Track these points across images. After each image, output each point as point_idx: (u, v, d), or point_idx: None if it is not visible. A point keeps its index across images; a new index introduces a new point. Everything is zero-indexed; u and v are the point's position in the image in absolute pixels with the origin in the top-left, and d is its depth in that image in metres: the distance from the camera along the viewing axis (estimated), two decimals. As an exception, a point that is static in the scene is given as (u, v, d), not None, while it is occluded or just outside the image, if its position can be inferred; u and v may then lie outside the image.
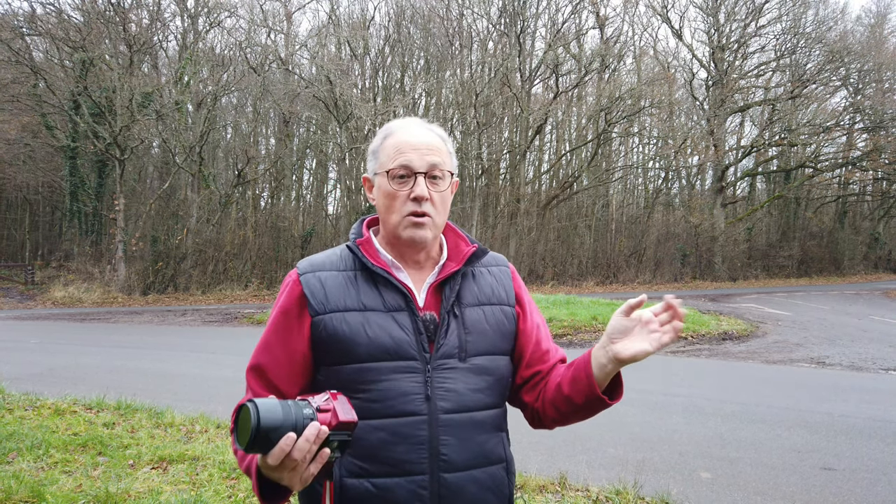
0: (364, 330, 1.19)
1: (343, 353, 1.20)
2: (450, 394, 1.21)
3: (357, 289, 1.24)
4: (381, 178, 1.28)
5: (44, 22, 20.56)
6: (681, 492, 3.95)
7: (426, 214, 1.24)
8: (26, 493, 3.42)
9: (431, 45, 25.17)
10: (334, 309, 1.21)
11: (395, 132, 1.30)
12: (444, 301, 1.25)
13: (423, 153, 1.25)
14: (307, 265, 1.29)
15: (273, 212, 25.20)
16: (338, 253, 1.31)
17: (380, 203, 1.29)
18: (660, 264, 26.60)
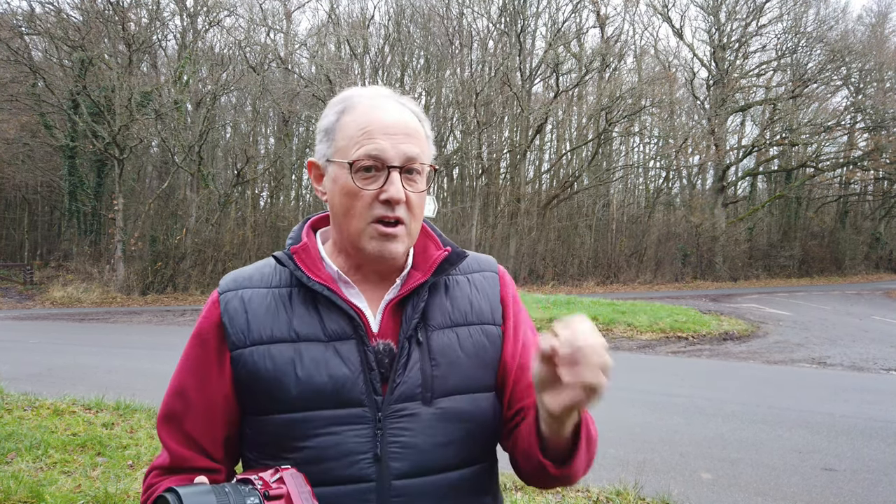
0: (294, 368, 0.91)
1: (268, 400, 0.92)
2: (407, 451, 0.91)
3: (289, 312, 0.95)
4: (337, 169, 0.96)
5: (43, 21, 20.54)
6: (681, 492, 3.94)
7: (400, 222, 0.94)
8: (25, 493, 3.41)
9: (431, 44, 25.15)
10: (257, 340, 0.93)
11: (357, 106, 0.98)
12: (404, 324, 0.96)
13: (399, 140, 0.94)
14: (230, 281, 1.00)
15: (272, 211, 25.20)
16: (271, 264, 1.01)
17: (335, 201, 0.97)
18: (660, 264, 26.58)
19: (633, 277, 25.59)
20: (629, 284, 24.71)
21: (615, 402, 6.25)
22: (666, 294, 20.87)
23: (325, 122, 1.01)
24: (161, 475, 0.96)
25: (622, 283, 25.12)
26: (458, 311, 1.01)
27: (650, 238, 27.09)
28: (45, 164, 23.74)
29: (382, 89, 1.01)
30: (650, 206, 28.74)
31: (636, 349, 10.02)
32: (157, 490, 0.93)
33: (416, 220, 0.98)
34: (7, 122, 21.02)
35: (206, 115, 20.96)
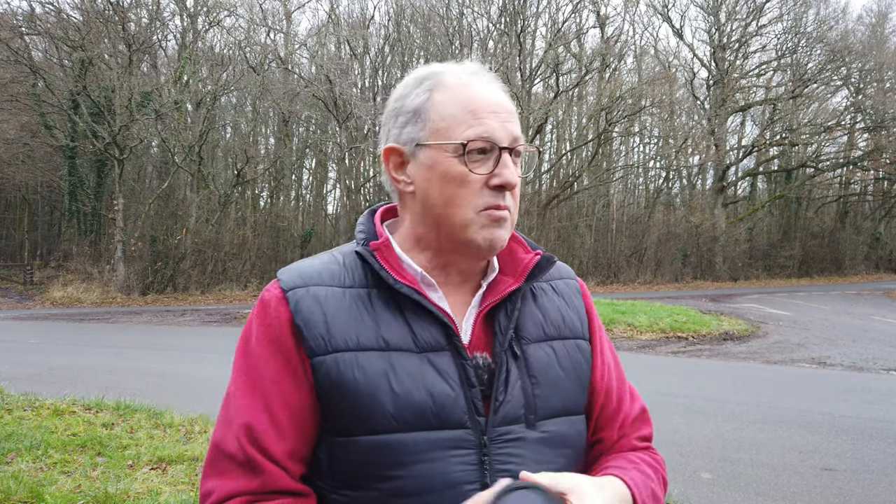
0: (388, 381, 0.80)
1: (355, 418, 0.79)
2: None
3: (374, 317, 0.83)
4: (435, 153, 0.85)
5: (43, 21, 20.56)
6: (681, 492, 3.94)
7: (506, 208, 0.86)
8: (25, 493, 3.41)
9: (431, 44, 25.16)
10: (341, 346, 0.81)
11: (449, 83, 0.88)
12: (499, 335, 0.87)
13: (505, 119, 0.86)
14: (295, 276, 0.86)
15: (272, 211, 25.21)
16: (338, 261, 0.89)
17: (431, 190, 0.86)
18: (660, 264, 26.59)
19: (633, 277, 25.59)
20: (629, 284, 24.71)
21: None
22: (666, 294, 20.87)
23: (412, 102, 0.88)
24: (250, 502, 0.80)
25: (622, 283, 25.13)
26: (551, 324, 0.93)
27: (650, 238, 27.10)
28: (45, 164, 23.74)
29: (470, 64, 0.92)
30: (650, 206, 28.75)
31: (636, 349, 10.02)
32: None
33: (517, 209, 0.89)
34: (7, 123, 21.02)
35: (206, 116, 20.97)
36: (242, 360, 0.85)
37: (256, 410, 0.81)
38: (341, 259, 0.89)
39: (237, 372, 0.85)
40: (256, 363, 0.83)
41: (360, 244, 0.89)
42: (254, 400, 0.82)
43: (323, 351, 0.81)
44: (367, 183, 26.55)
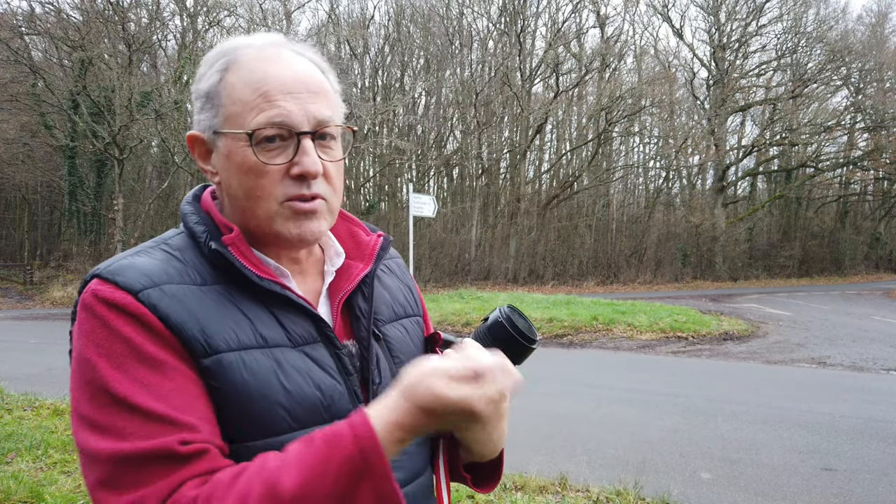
0: (279, 379, 0.74)
1: (250, 422, 0.73)
2: (402, 458, 0.82)
3: (244, 314, 0.76)
4: (231, 142, 0.78)
5: (43, 21, 20.56)
6: (681, 492, 3.94)
7: (317, 197, 0.79)
8: (25, 493, 3.41)
9: (431, 44, 25.16)
10: (222, 347, 0.73)
11: (243, 60, 0.79)
12: (361, 319, 0.85)
13: (305, 100, 0.77)
14: (139, 276, 0.73)
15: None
16: (175, 256, 0.78)
17: (232, 181, 0.79)
18: (660, 264, 26.60)
19: (633, 277, 25.59)
20: (629, 284, 24.71)
21: (615, 402, 6.26)
22: (666, 294, 20.87)
23: (206, 85, 0.80)
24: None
25: (622, 283, 25.13)
26: (398, 303, 0.94)
27: (650, 238, 27.11)
28: (45, 164, 23.75)
29: (273, 36, 0.82)
30: (650, 206, 28.75)
31: (636, 349, 10.02)
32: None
33: (336, 194, 0.83)
34: (7, 122, 21.03)
35: (206, 115, 20.97)
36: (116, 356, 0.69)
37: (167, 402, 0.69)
38: (179, 255, 0.79)
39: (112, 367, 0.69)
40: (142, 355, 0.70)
41: (203, 239, 0.79)
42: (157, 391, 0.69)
43: (203, 353, 0.72)
44: (367, 183, 26.54)
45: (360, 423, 0.67)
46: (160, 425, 0.67)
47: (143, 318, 0.71)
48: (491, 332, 0.84)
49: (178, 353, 0.71)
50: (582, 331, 11.16)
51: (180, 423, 0.68)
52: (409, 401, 0.67)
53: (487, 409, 0.68)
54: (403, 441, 0.68)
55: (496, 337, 0.84)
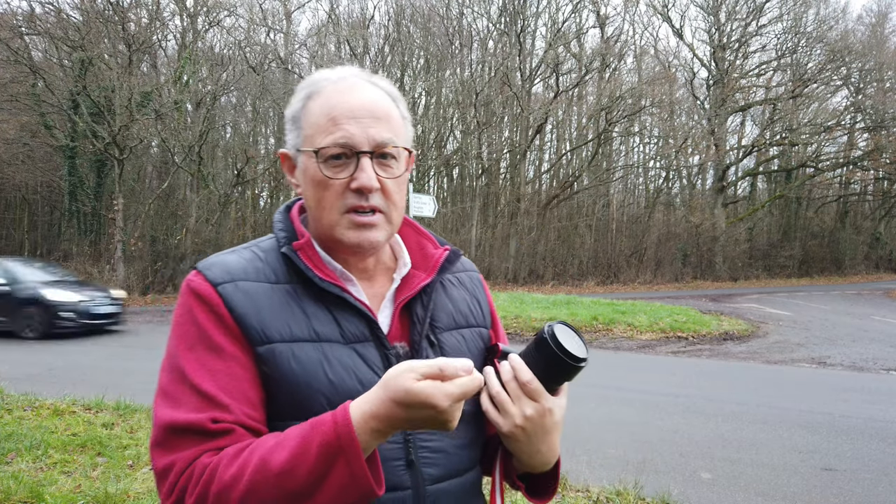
0: (323, 370, 0.85)
1: (293, 405, 0.84)
2: (437, 455, 0.90)
3: (303, 310, 0.88)
4: (307, 159, 0.91)
5: (43, 21, 20.56)
6: (681, 492, 3.93)
7: (376, 210, 0.90)
8: (25, 493, 3.41)
9: (431, 44, 25.16)
10: (276, 338, 0.85)
11: (324, 90, 0.92)
12: (417, 325, 0.94)
13: (367, 124, 0.89)
14: (222, 273, 0.88)
15: (272, 212, 25.19)
16: (259, 257, 0.93)
17: (306, 193, 0.93)
18: (660, 264, 26.60)
19: (633, 277, 25.59)
20: (629, 284, 24.71)
21: (615, 402, 6.26)
22: (666, 294, 20.86)
23: (292, 110, 0.95)
24: None
25: (622, 283, 25.13)
26: (460, 313, 1.00)
27: (650, 238, 27.11)
28: (45, 164, 23.74)
29: (351, 69, 0.95)
30: (650, 206, 28.75)
31: (636, 349, 10.02)
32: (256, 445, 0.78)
33: (395, 207, 0.93)
34: (7, 122, 21.02)
35: (206, 116, 20.97)
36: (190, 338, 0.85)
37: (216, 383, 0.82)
38: (263, 255, 0.93)
39: (185, 348, 0.84)
40: (208, 341, 0.84)
41: (282, 244, 0.92)
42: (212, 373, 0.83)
43: (259, 342, 0.85)
44: (367, 183, 26.51)
45: (340, 411, 0.76)
46: (204, 402, 0.81)
47: (216, 308, 0.85)
48: (537, 349, 0.86)
49: (238, 340, 0.84)
50: (582, 331, 11.11)
51: (218, 403, 0.81)
52: (384, 392, 0.75)
53: (445, 403, 0.74)
54: (380, 430, 0.76)
55: (542, 353, 0.85)
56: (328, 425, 0.75)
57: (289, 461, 0.74)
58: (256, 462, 0.75)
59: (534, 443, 0.88)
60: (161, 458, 0.81)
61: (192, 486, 0.77)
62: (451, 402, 0.75)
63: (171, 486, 0.79)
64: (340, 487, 0.74)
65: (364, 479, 0.74)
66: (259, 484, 0.74)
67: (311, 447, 0.74)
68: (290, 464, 0.74)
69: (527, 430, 0.85)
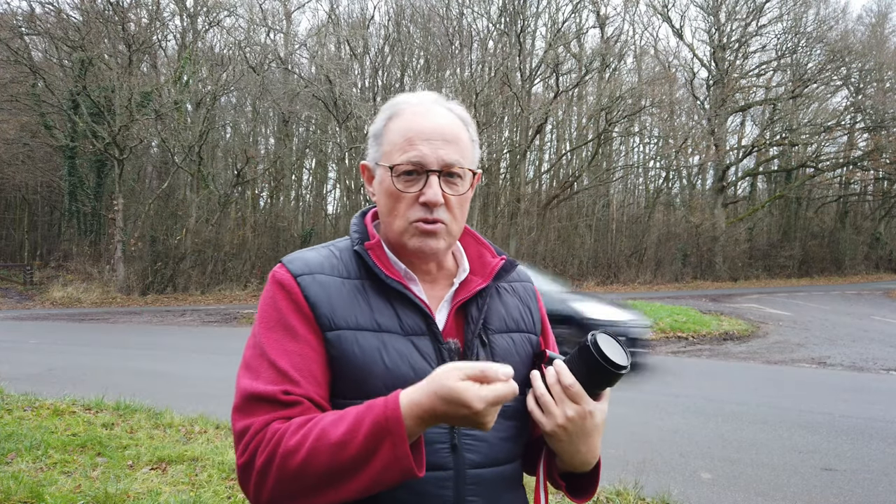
0: (381, 356, 0.96)
1: (354, 384, 0.96)
2: (479, 444, 0.99)
3: (368, 303, 1.00)
4: (383, 172, 1.04)
5: (43, 21, 20.56)
6: (681, 492, 3.93)
7: (438, 221, 1.02)
8: (25, 493, 3.41)
9: (431, 44, 25.15)
10: (343, 326, 0.97)
11: (403, 112, 1.05)
12: (471, 324, 1.04)
13: (438, 146, 1.01)
14: (301, 265, 1.02)
15: (272, 212, 25.21)
16: (335, 255, 1.06)
17: (381, 201, 1.06)
18: (660, 264, 26.59)
19: (633, 277, 25.59)
20: (629, 284, 24.71)
21: (615, 402, 6.25)
22: (666, 294, 20.87)
23: (375, 128, 1.08)
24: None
25: (622, 283, 25.13)
26: (511, 318, 1.10)
27: (650, 238, 27.10)
28: (45, 164, 23.75)
29: (430, 94, 1.08)
30: (650, 206, 28.75)
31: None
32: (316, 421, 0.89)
33: (457, 220, 1.05)
34: (7, 123, 21.03)
35: (206, 116, 20.97)
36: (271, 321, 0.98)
37: (289, 361, 0.95)
38: (338, 253, 1.06)
39: (266, 329, 0.98)
40: (286, 324, 0.97)
41: (355, 243, 1.05)
42: (287, 353, 0.95)
43: (329, 328, 0.97)
44: (367, 183, 26.51)
45: (392, 397, 0.87)
46: (279, 377, 0.93)
47: (294, 296, 0.98)
48: (580, 356, 0.93)
49: (311, 325, 0.97)
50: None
51: (290, 378, 0.93)
52: (430, 386, 0.85)
53: (479, 405, 0.82)
54: (423, 419, 0.85)
55: (584, 360, 0.92)
56: (380, 408, 0.85)
57: (344, 435, 0.85)
58: (317, 433, 0.86)
59: (574, 443, 0.97)
60: (239, 420, 0.93)
61: (263, 447, 0.88)
62: (484, 404, 0.82)
63: (245, 446, 0.90)
64: (384, 465, 0.84)
65: (406, 460, 0.83)
66: (317, 452, 0.85)
67: (364, 426, 0.84)
68: (345, 438, 0.85)
69: (568, 431, 0.95)
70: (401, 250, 1.05)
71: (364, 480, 0.85)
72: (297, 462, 0.86)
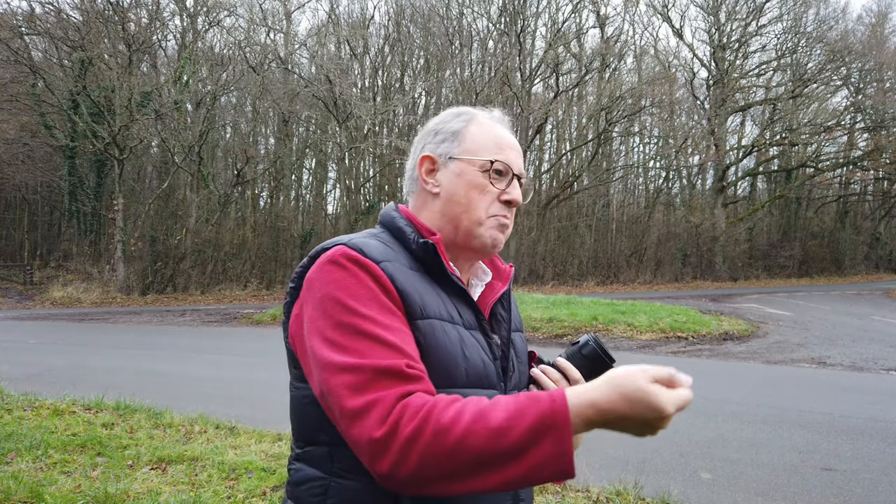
0: (461, 347, 0.99)
1: (441, 373, 0.96)
2: None
3: (439, 295, 1.02)
4: (465, 166, 1.09)
5: (43, 21, 20.55)
6: (681, 492, 3.93)
7: (509, 219, 1.11)
8: (25, 493, 3.41)
9: (431, 44, 25.15)
10: (433, 315, 0.98)
11: (483, 122, 1.14)
12: (503, 322, 1.12)
13: (518, 156, 1.13)
14: (379, 251, 1.00)
15: (272, 212, 25.20)
16: (390, 245, 1.05)
17: (456, 192, 1.08)
18: (660, 264, 26.59)
19: (633, 277, 25.59)
20: (629, 284, 24.71)
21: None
22: (666, 294, 20.86)
23: (451, 126, 1.14)
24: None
25: (622, 283, 25.13)
26: (517, 319, 1.20)
27: (650, 238, 27.10)
28: (45, 164, 23.74)
29: (497, 112, 1.19)
30: (650, 206, 28.75)
31: (636, 349, 10.02)
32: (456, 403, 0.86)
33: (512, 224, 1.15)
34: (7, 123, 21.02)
35: (206, 115, 20.96)
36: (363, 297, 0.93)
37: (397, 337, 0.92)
38: (391, 245, 1.05)
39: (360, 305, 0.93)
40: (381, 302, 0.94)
41: (413, 237, 1.05)
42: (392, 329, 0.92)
43: (419, 316, 0.97)
44: (367, 183, 26.55)
45: (559, 392, 0.85)
46: (392, 351, 0.90)
47: (382, 280, 0.96)
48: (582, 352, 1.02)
49: (401, 310, 0.96)
50: (582, 331, 11.15)
51: (406, 353, 0.91)
52: (612, 387, 0.83)
53: (671, 409, 0.82)
54: (592, 420, 0.83)
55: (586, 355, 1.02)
56: (546, 401, 0.83)
57: (506, 420, 0.82)
58: (474, 413, 0.83)
59: None
60: (359, 397, 0.87)
61: (409, 418, 0.84)
62: (675, 408, 0.82)
63: (381, 418, 0.85)
64: (543, 459, 0.81)
65: (567, 456, 0.81)
66: (475, 433, 0.82)
67: (528, 415, 0.82)
68: (506, 424, 0.82)
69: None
70: (463, 244, 1.09)
71: (516, 472, 0.82)
72: (451, 440, 0.82)
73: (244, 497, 3.55)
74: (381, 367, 0.88)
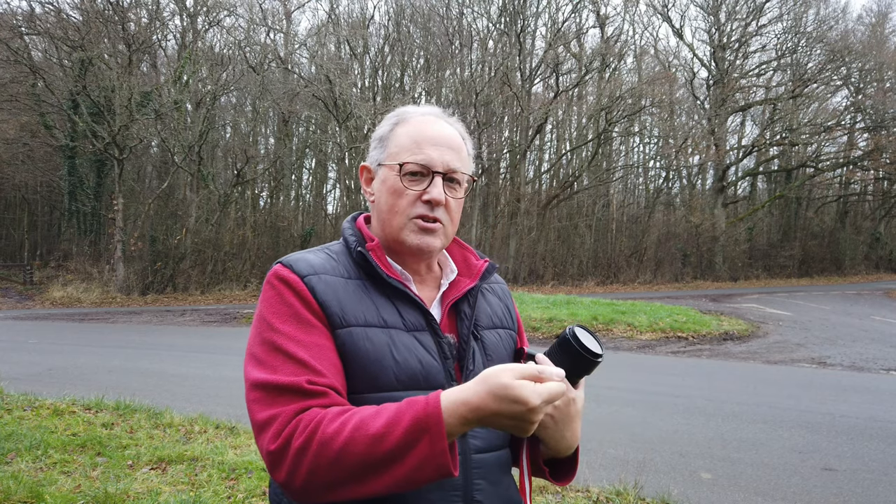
0: (391, 351, 1.01)
1: (366, 379, 1.00)
2: (480, 431, 1.05)
3: (373, 301, 1.05)
4: (387, 171, 1.10)
5: (43, 21, 20.54)
6: (681, 492, 3.93)
7: (437, 220, 1.09)
8: (25, 493, 3.41)
9: (431, 44, 25.15)
10: (353, 322, 1.01)
11: (410, 120, 1.13)
12: (464, 321, 1.11)
13: (444, 151, 1.09)
14: (306, 266, 1.05)
15: (272, 211, 25.20)
16: (332, 257, 1.10)
17: (381, 199, 1.11)
18: (660, 264, 26.59)
19: (632, 277, 25.58)
20: (629, 284, 24.71)
21: (615, 402, 6.25)
22: (666, 294, 20.86)
23: (381, 131, 1.16)
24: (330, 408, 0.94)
25: (622, 283, 25.13)
26: (496, 316, 1.19)
27: (650, 238, 27.10)
28: (44, 164, 23.73)
29: (434, 108, 1.18)
30: (650, 206, 28.74)
31: (636, 349, 10.02)
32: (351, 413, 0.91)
33: (452, 223, 1.12)
34: (7, 122, 21.02)
35: (206, 115, 20.96)
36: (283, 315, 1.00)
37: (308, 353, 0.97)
38: (335, 256, 1.10)
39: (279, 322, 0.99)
40: (300, 317, 1.00)
41: (354, 246, 1.10)
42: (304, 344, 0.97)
43: (339, 325, 1.01)
44: (367, 183, 26.49)
45: (433, 395, 0.88)
46: (299, 367, 0.95)
47: (303, 294, 1.01)
48: (560, 348, 1.00)
49: (322, 322, 1.00)
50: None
51: (312, 368, 0.95)
52: (481, 385, 0.86)
53: (536, 402, 0.84)
54: (467, 418, 0.86)
55: (565, 351, 0.99)
56: (420, 405, 0.87)
57: (383, 427, 0.86)
58: (356, 423, 0.88)
59: (560, 429, 1.04)
60: (262, 411, 0.94)
61: (299, 433, 0.90)
62: (541, 401, 0.84)
63: (276, 433, 0.91)
64: (421, 461, 0.85)
65: (443, 457, 0.85)
66: (355, 441, 0.86)
67: (403, 420, 0.86)
68: (384, 430, 0.86)
69: (555, 418, 1.02)
70: (398, 249, 1.11)
71: (397, 475, 0.86)
72: (334, 449, 0.87)
73: (244, 497, 3.55)
74: (283, 384, 0.94)
